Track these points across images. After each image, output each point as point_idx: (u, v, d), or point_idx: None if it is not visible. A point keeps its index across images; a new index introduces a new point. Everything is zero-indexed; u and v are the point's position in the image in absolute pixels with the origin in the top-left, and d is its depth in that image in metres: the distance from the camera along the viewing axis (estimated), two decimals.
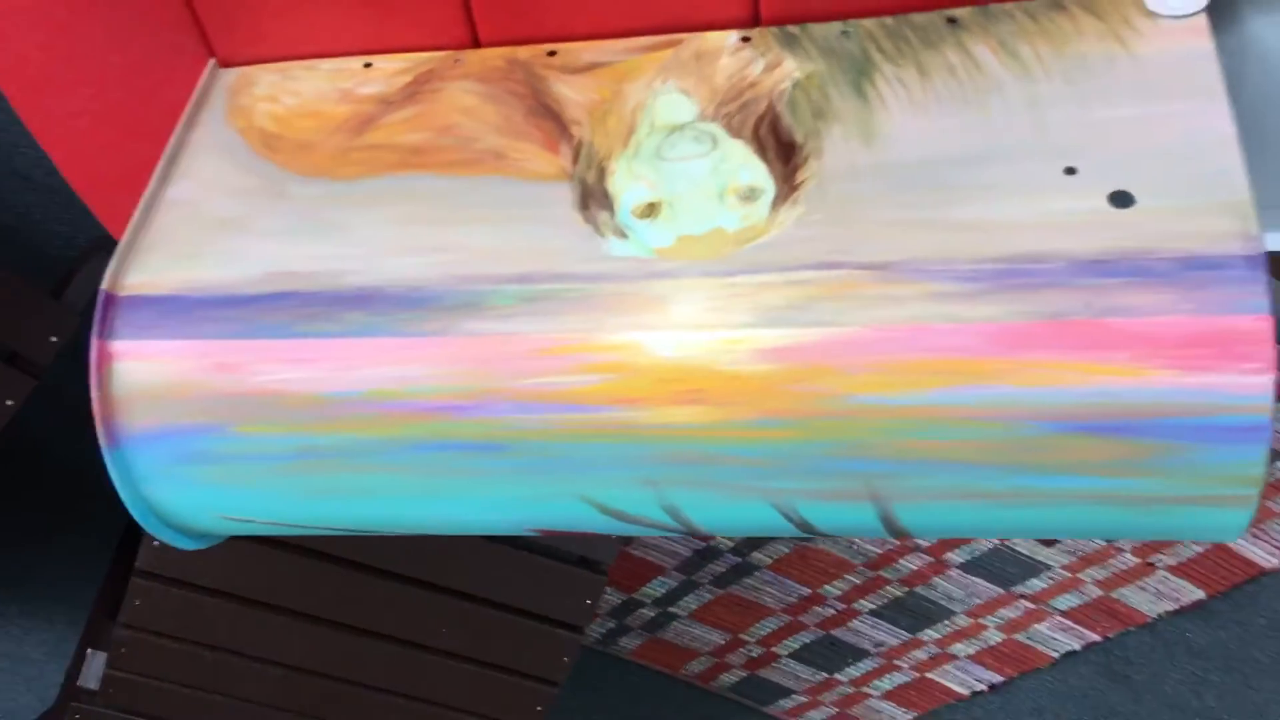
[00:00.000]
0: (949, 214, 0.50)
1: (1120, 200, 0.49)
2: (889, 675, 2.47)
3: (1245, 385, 0.45)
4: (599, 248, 0.53)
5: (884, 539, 1.99)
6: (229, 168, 0.61)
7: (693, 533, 0.55)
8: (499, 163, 0.58)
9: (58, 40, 0.66)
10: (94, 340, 0.55)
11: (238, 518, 0.59)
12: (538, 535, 0.59)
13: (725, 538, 2.07)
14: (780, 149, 0.55)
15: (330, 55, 0.66)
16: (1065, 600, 2.14)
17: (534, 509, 0.56)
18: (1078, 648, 2.26)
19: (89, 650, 1.80)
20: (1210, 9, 0.55)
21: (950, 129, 0.54)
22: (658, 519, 0.54)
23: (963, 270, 0.48)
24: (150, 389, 0.55)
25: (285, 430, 0.54)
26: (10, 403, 1.38)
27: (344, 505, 0.57)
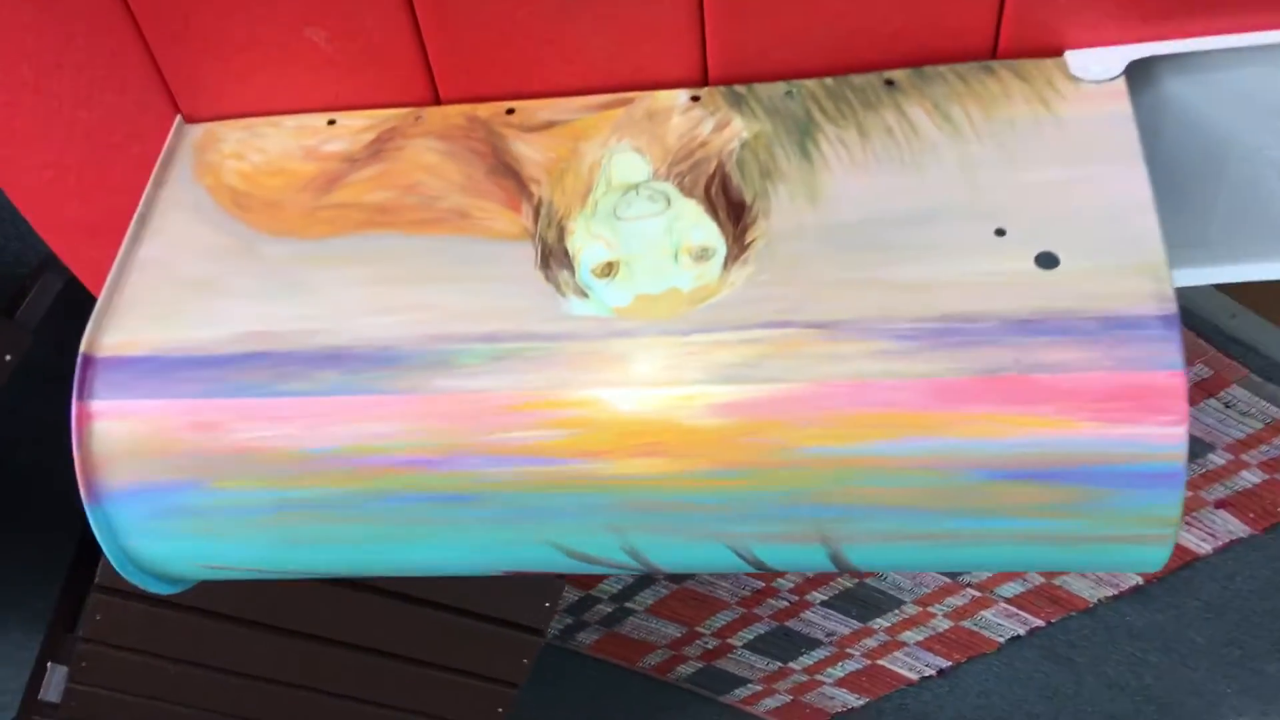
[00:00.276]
0: (889, 274, 0.53)
1: (1046, 261, 0.53)
2: (841, 663, 2.52)
3: (1162, 436, 0.49)
4: (560, 307, 0.56)
5: None
6: (200, 227, 0.62)
7: (653, 572, 0.58)
8: (463, 222, 0.60)
9: (23, 97, 0.67)
10: (74, 401, 0.57)
11: (216, 565, 0.61)
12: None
13: None
14: (731, 209, 0.58)
15: (294, 111, 0.67)
16: (1010, 588, 2.20)
17: (503, 553, 0.58)
18: (1022, 633, 2.32)
19: (49, 664, 1.80)
20: (1128, 71, 0.59)
21: (890, 190, 0.57)
22: (621, 561, 0.57)
23: (902, 329, 0.52)
24: (130, 447, 0.56)
25: (262, 485, 0.56)
26: None
27: (321, 554, 0.59)
